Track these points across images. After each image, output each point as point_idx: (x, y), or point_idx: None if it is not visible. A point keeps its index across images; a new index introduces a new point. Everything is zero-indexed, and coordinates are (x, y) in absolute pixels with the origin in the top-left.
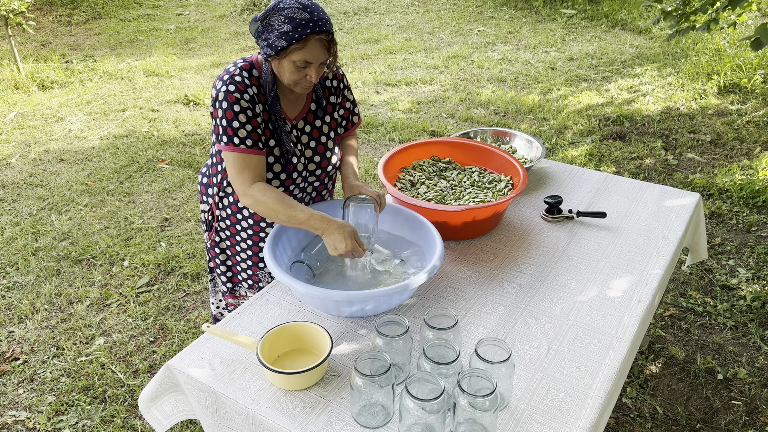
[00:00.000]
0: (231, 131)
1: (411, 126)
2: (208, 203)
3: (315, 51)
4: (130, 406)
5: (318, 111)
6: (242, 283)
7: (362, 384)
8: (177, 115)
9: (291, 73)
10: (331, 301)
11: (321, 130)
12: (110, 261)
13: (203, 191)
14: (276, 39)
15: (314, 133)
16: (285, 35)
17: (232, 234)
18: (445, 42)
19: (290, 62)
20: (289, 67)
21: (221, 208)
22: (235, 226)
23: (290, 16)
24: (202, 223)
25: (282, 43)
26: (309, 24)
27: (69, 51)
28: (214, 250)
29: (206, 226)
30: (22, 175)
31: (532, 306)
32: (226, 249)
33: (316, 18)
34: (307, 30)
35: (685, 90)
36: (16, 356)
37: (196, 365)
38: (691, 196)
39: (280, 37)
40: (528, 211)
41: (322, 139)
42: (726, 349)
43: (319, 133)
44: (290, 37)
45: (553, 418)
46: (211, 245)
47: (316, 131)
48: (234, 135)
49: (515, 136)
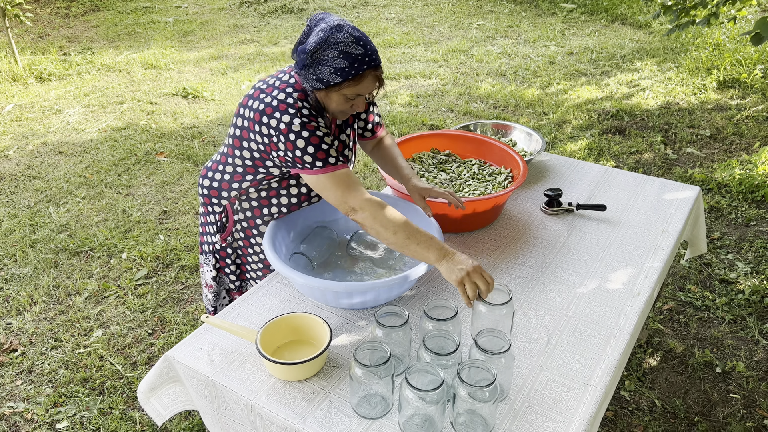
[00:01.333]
0: (323, 154)
1: (410, 119)
2: (221, 205)
3: (369, 85)
4: (129, 398)
5: (342, 125)
6: (250, 282)
7: (362, 374)
8: (175, 107)
9: (338, 104)
10: (330, 292)
11: (345, 143)
12: (108, 253)
13: (214, 194)
14: (329, 74)
15: (339, 147)
16: (340, 71)
17: (247, 236)
18: (444, 36)
19: (340, 95)
20: (338, 99)
21: (240, 211)
22: (252, 230)
23: (346, 51)
24: (209, 225)
25: (336, 78)
26: (365, 59)
27: (67, 43)
28: (226, 251)
29: (217, 228)
30: (20, 167)
31: (531, 298)
32: (237, 249)
33: (370, 52)
34: (364, 66)
35: (684, 85)
36: (14, 348)
37: (196, 356)
38: (691, 189)
39: (335, 73)
40: (528, 203)
41: (345, 152)
42: (724, 342)
43: (344, 147)
44: (346, 73)
45: (553, 409)
46: (223, 246)
47: (341, 144)
48: (327, 156)
49: (515, 129)
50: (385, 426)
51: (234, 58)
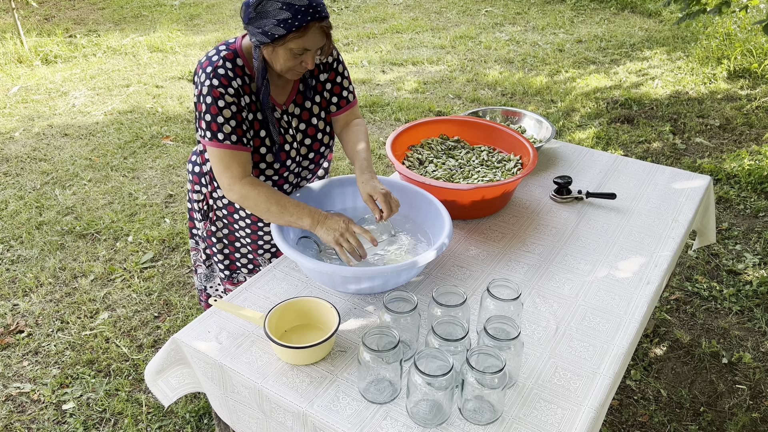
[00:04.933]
0: (216, 126)
1: (417, 106)
2: (201, 192)
3: (315, 38)
4: (135, 380)
5: (307, 92)
6: (241, 270)
7: (370, 359)
8: (181, 91)
9: (286, 60)
10: (338, 277)
11: (311, 111)
12: (114, 236)
13: (195, 180)
14: (273, 27)
15: (304, 115)
16: (283, 23)
17: (230, 222)
18: (452, 22)
19: (286, 50)
20: (285, 54)
21: (218, 198)
22: (233, 215)
23: (288, 2)
24: (195, 211)
25: (280, 31)
26: (309, 11)
27: (73, 25)
28: (211, 239)
29: (201, 216)
30: (26, 149)
31: (540, 286)
32: (223, 238)
33: (315, 4)
34: (308, 17)
35: (694, 74)
36: (21, 329)
37: (203, 339)
38: (702, 178)
39: (278, 25)
40: (537, 191)
41: (312, 121)
42: (731, 333)
43: (309, 115)
44: (289, 24)
45: (561, 396)
46: (208, 234)
47: (306, 113)
48: (218, 131)
49: (524, 116)
50: (392, 411)
51: None
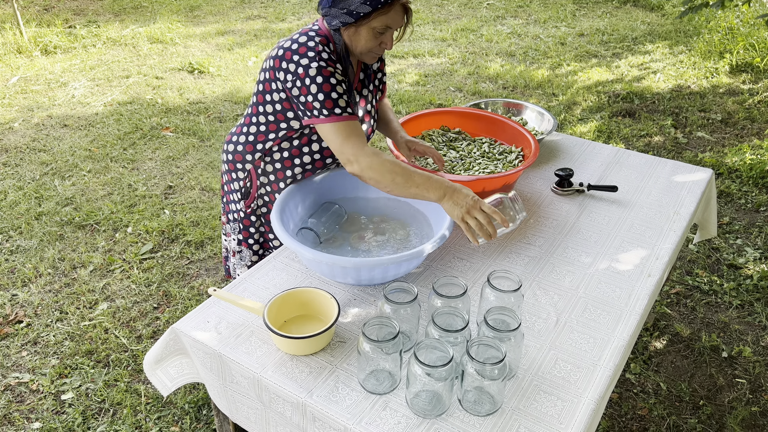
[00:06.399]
0: (331, 103)
1: (418, 98)
2: (245, 170)
3: (397, 16)
4: (134, 371)
5: (365, 80)
6: (272, 250)
7: (370, 350)
8: (181, 83)
9: (368, 41)
10: (338, 268)
11: (367, 98)
12: (114, 227)
13: (238, 159)
14: (359, 5)
15: (362, 102)
16: (370, 0)
17: (271, 201)
18: (453, 14)
19: (369, 29)
20: (367, 34)
21: (264, 174)
22: (275, 194)
23: None
24: (233, 193)
25: (366, 8)
26: None
27: (72, 16)
28: (250, 218)
29: (241, 195)
30: (25, 139)
31: (541, 278)
32: (261, 216)
33: None
34: None
35: (696, 68)
36: (20, 319)
37: (202, 329)
38: (704, 171)
39: (364, 3)
40: (538, 183)
41: (367, 107)
42: (731, 327)
43: (366, 102)
44: (376, 1)
45: (561, 388)
46: (247, 214)
47: (363, 100)
48: (335, 106)
49: (526, 108)
50: (392, 401)
51: (241, 33)
